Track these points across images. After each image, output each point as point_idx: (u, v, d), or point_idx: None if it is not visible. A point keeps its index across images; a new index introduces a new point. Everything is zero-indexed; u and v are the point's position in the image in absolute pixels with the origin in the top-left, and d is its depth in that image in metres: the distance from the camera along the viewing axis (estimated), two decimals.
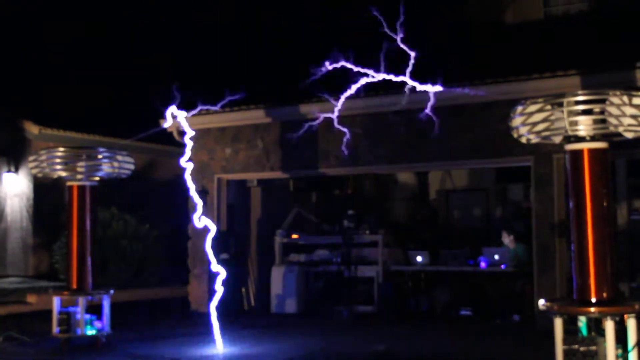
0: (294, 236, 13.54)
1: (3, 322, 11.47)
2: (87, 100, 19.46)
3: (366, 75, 8.92)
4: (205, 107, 10.49)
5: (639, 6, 13.89)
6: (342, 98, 9.93)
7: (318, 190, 15.76)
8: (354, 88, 9.34)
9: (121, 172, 10.02)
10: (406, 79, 8.54)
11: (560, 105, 6.61)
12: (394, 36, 8.62)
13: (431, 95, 8.77)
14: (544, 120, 6.75)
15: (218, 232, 13.32)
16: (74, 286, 9.71)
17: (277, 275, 13.07)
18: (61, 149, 9.84)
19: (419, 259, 12.58)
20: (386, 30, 8.65)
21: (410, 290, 12.85)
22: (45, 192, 17.01)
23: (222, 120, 13.53)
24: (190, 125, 13.59)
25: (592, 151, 6.73)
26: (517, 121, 6.96)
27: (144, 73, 19.48)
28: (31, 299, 13.51)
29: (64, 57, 20.80)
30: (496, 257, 11.97)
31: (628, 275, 11.86)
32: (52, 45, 20.92)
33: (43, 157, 9.76)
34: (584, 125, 6.61)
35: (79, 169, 9.71)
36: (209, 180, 13.71)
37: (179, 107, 10.21)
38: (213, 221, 13.42)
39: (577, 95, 6.60)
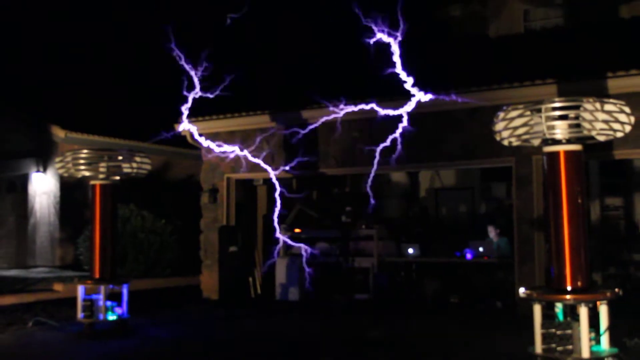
0: (297, 230, 13.54)
1: (32, 308, 11.51)
2: (109, 106, 19.51)
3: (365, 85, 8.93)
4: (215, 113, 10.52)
5: (610, 21, 13.93)
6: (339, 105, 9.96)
7: (318, 188, 15.76)
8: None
9: (139, 172, 10.03)
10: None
11: (539, 111, 6.63)
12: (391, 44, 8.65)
13: (422, 102, 8.78)
14: (524, 124, 6.78)
15: (227, 226, 13.38)
16: (97, 276, 9.71)
17: (281, 266, 13.07)
18: (85, 151, 9.85)
19: (410, 251, 12.59)
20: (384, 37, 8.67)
21: (402, 279, 12.85)
22: (71, 190, 17.07)
23: (231, 124, 13.54)
24: (202, 130, 13.68)
25: (567, 153, 6.75)
26: (499, 125, 6.99)
27: (161, 80, 19.47)
28: (58, 287, 13.54)
29: (87, 67, 20.85)
30: (481, 249, 11.98)
31: (600, 265, 11.88)
32: (77, 54, 20.97)
33: (69, 159, 9.77)
34: (560, 130, 6.63)
35: (101, 169, 9.71)
36: (219, 179, 13.73)
37: (192, 113, 10.24)
38: (223, 216, 13.51)
39: (554, 102, 6.62)
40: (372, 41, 8.69)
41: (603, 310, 6.60)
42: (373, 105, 10.55)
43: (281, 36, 18.59)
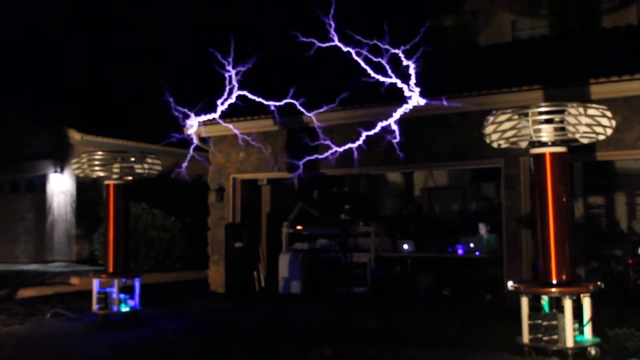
0: (298, 227, 13.54)
1: (50, 300, 11.52)
2: (122, 110, 19.52)
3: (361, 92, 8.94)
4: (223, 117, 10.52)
5: (593, 31, 13.94)
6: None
7: (319, 188, 15.76)
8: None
9: (150, 173, 10.03)
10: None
11: (526, 115, 6.65)
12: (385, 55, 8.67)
13: (416, 106, 8.79)
14: (512, 128, 6.79)
15: (233, 223, 13.40)
16: (111, 270, 9.72)
17: (284, 261, 13.07)
18: (100, 152, 9.87)
19: (405, 246, 12.59)
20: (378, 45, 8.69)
21: (398, 273, 12.85)
22: (86, 189, 17.09)
23: (237, 128, 13.51)
24: (210, 133, 13.69)
25: (553, 155, 6.76)
26: (489, 129, 7.00)
27: (172, 85, 19.44)
28: (74, 280, 13.56)
29: (101, 73, 20.86)
30: (471, 245, 11.98)
31: (584, 260, 11.88)
32: (92, 61, 20.98)
33: (84, 160, 9.78)
34: (546, 133, 6.65)
35: (115, 170, 9.72)
36: (225, 179, 13.73)
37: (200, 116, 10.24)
38: (229, 214, 13.52)
39: (540, 107, 6.64)
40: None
41: (586, 302, 6.62)
42: (370, 110, 10.59)
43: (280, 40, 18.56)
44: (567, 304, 6.42)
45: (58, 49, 21.57)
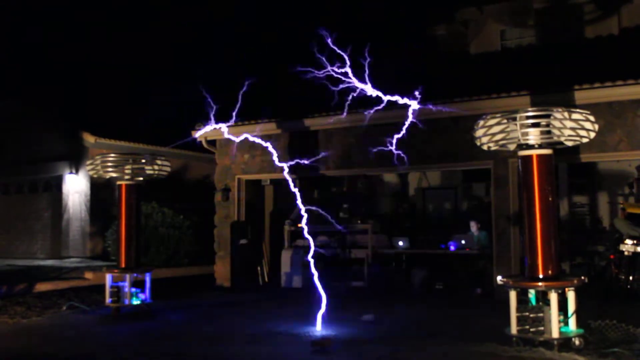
0: (300, 225, 13.53)
1: (66, 294, 11.51)
2: (134, 114, 19.51)
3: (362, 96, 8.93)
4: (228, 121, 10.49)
5: (577, 40, 13.93)
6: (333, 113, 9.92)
7: (319, 188, 15.74)
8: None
9: (160, 173, 10.03)
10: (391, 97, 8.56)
11: (514, 119, 6.65)
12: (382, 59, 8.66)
13: (411, 111, 8.78)
14: (502, 131, 6.79)
15: (238, 221, 13.39)
16: (123, 265, 9.73)
17: (286, 257, 13.07)
18: (112, 154, 9.86)
19: (400, 243, 12.58)
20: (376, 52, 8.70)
21: (393, 268, 12.84)
22: (100, 189, 17.09)
23: (242, 131, 13.48)
24: (216, 136, 13.67)
25: (539, 156, 6.76)
26: (479, 132, 7.00)
27: (180, 91, 19.52)
28: (88, 275, 13.56)
29: (115, 79, 20.85)
30: (463, 242, 11.97)
31: (568, 256, 11.88)
32: (105, 68, 20.97)
33: (98, 162, 9.78)
34: (533, 136, 6.65)
35: (126, 171, 9.72)
36: (231, 180, 13.72)
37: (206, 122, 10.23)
38: (234, 213, 13.50)
39: (528, 111, 6.64)
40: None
41: (571, 295, 6.61)
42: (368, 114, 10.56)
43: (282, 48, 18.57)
44: (553, 297, 6.42)
45: (74, 54, 21.55)
